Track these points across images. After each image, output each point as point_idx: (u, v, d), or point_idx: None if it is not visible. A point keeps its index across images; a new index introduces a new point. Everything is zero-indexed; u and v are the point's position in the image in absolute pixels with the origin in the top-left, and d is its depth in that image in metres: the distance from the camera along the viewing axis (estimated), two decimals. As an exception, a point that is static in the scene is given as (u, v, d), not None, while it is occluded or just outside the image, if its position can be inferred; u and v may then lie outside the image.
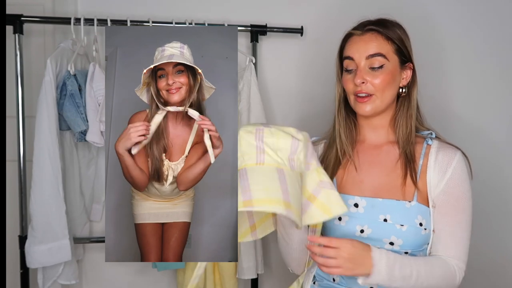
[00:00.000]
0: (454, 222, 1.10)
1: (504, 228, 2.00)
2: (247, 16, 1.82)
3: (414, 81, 1.18)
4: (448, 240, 1.10)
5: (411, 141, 1.15)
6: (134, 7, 1.81)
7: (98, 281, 1.91)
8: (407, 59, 1.16)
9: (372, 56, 1.11)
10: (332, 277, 1.16)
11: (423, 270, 1.05)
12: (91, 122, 1.60)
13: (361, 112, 1.14)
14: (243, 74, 1.76)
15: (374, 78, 1.11)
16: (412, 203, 1.10)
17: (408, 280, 1.04)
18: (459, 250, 1.10)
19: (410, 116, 1.16)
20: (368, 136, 1.20)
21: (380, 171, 1.16)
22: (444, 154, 1.13)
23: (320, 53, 1.89)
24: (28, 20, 1.63)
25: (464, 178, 1.11)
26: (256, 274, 1.77)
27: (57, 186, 1.57)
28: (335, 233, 1.14)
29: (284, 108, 1.93)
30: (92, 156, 1.80)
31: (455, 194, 1.10)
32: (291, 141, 0.98)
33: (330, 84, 1.25)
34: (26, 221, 1.65)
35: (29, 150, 1.60)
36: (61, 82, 1.60)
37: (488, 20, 1.97)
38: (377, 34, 1.13)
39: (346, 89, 1.16)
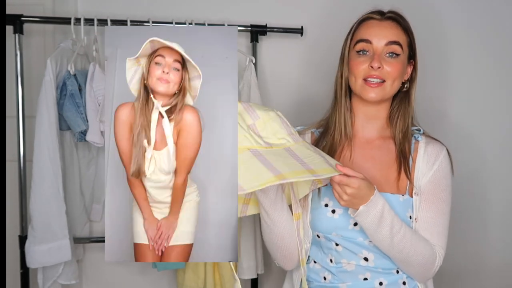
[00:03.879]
0: (437, 211, 1.13)
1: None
2: (247, 16, 1.82)
3: (414, 79, 1.20)
4: (432, 228, 1.12)
5: (408, 138, 1.18)
6: (134, 7, 1.81)
7: (98, 281, 1.91)
8: (413, 55, 1.18)
9: (391, 43, 1.12)
10: (323, 275, 1.17)
11: (409, 236, 1.07)
12: (91, 122, 1.60)
13: (367, 96, 1.12)
14: (243, 74, 1.76)
15: (389, 66, 1.11)
16: (404, 196, 1.13)
17: (395, 234, 1.05)
18: (441, 239, 1.13)
19: (409, 113, 1.19)
20: (361, 129, 1.21)
21: (373, 165, 1.17)
22: (433, 147, 1.17)
23: (320, 53, 1.89)
24: (28, 20, 1.63)
25: (448, 171, 1.16)
26: (256, 274, 1.77)
27: (57, 186, 1.57)
28: (328, 224, 1.14)
29: (284, 108, 1.92)
30: (92, 156, 1.80)
31: (441, 186, 1.14)
32: (280, 121, 1.04)
33: (330, 84, 1.25)
34: (26, 221, 1.65)
35: (29, 150, 1.60)
36: (61, 82, 1.60)
37: (489, 21, 1.98)
38: (396, 24, 1.14)
39: (355, 71, 1.14)
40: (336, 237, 1.14)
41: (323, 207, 1.15)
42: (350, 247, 1.13)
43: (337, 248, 1.14)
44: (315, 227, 1.16)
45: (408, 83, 1.19)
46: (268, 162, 0.96)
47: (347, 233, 1.13)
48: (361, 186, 1.00)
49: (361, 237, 1.12)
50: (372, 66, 1.10)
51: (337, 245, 1.14)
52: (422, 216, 1.13)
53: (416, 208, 1.13)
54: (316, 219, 1.15)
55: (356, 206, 1.03)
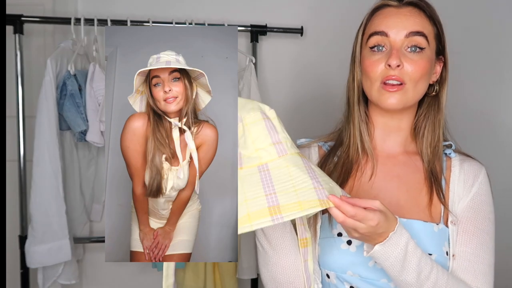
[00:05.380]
0: (480, 245, 0.89)
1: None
2: (247, 16, 1.82)
3: (445, 80, 0.95)
4: (474, 267, 0.88)
5: (438, 154, 0.94)
6: (134, 7, 1.82)
7: (98, 281, 1.91)
8: (442, 49, 0.94)
9: (413, 34, 0.88)
10: None
11: (443, 283, 0.83)
12: (91, 122, 1.60)
13: (385, 103, 0.88)
14: (243, 74, 1.76)
15: (411, 63, 0.87)
16: (439, 226, 0.90)
17: (424, 282, 0.81)
18: (486, 280, 0.89)
19: (439, 122, 0.94)
20: (379, 142, 0.97)
21: (398, 186, 0.93)
22: (470, 165, 0.95)
23: (320, 53, 1.89)
24: (28, 20, 1.63)
25: (489, 196, 0.93)
26: (256, 274, 1.77)
27: (57, 186, 1.57)
28: (341, 260, 0.89)
29: (284, 108, 1.93)
30: (92, 156, 1.80)
31: (482, 213, 0.91)
32: (264, 124, 0.80)
33: (330, 84, 1.25)
34: (26, 221, 1.65)
35: (29, 150, 1.60)
36: (61, 82, 1.60)
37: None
38: (419, 10, 0.90)
39: (370, 73, 0.89)
40: (352, 277, 0.88)
41: (335, 237, 0.89)
42: None
43: None
44: (325, 263, 0.90)
45: (437, 85, 0.95)
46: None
47: (367, 272, 0.87)
48: (381, 222, 0.74)
49: (385, 278, 0.86)
50: (390, 65, 0.86)
51: None
52: (461, 251, 0.89)
53: (453, 242, 0.89)
54: (326, 253, 0.90)
55: (372, 242, 0.77)
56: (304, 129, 1.79)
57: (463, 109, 1.45)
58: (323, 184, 0.73)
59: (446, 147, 0.98)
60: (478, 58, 1.89)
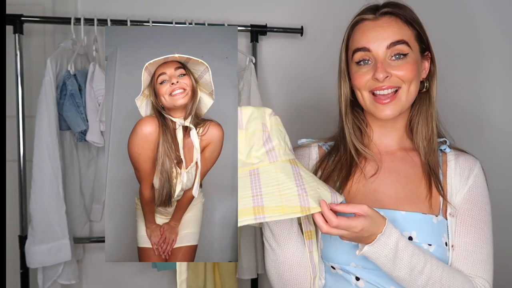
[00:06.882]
0: (478, 235, 0.93)
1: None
2: (247, 16, 1.82)
3: (434, 74, 0.99)
4: (473, 257, 0.92)
5: (433, 148, 0.98)
6: (134, 7, 1.82)
7: (98, 281, 1.91)
8: (426, 47, 0.98)
9: (394, 44, 0.91)
10: None
11: (438, 276, 0.86)
12: (91, 122, 1.60)
13: (381, 116, 0.94)
14: (243, 74, 1.76)
15: (398, 69, 0.92)
16: (438, 217, 0.93)
17: (417, 277, 0.85)
18: (486, 269, 0.92)
19: (431, 115, 0.98)
20: (378, 141, 1.02)
21: (397, 180, 0.98)
22: (465, 159, 0.99)
23: (320, 53, 1.89)
24: (28, 20, 1.63)
25: (485, 188, 0.98)
26: (256, 274, 1.77)
27: (57, 186, 1.57)
28: (344, 253, 0.93)
29: (284, 108, 1.93)
30: (92, 156, 1.80)
31: (478, 204, 0.95)
32: (261, 135, 0.84)
33: (330, 84, 1.24)
34: (26, 221, 1.65)
35: (29, 150, 1.60)
36: (61, 82, 1.60)
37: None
38: (395, 18, 0.94)
39: (359, 85, 0.95)
40: (356, 268, 0.92)
41: None
42: (375, 281, 0.91)
43: (359, 283, 0.93)
44: (328, 256, 0.94)
45: (427, 81, 0.99)
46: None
47: (370, 263, 0.89)
48: (365, 227, 0.79)
49: None
50: (377, 78, 0.91)
51: (357, 280, 0.93)
52: (460, 242, 0.93)
53: (452, 233, 0.93)
54: (328, 247, 0.94)
55: (362, 242, 0.83)
56: (303, 128, 1.79)
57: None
58: (309, 191, 0.79)
59: (441, 143, 1.02)
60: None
